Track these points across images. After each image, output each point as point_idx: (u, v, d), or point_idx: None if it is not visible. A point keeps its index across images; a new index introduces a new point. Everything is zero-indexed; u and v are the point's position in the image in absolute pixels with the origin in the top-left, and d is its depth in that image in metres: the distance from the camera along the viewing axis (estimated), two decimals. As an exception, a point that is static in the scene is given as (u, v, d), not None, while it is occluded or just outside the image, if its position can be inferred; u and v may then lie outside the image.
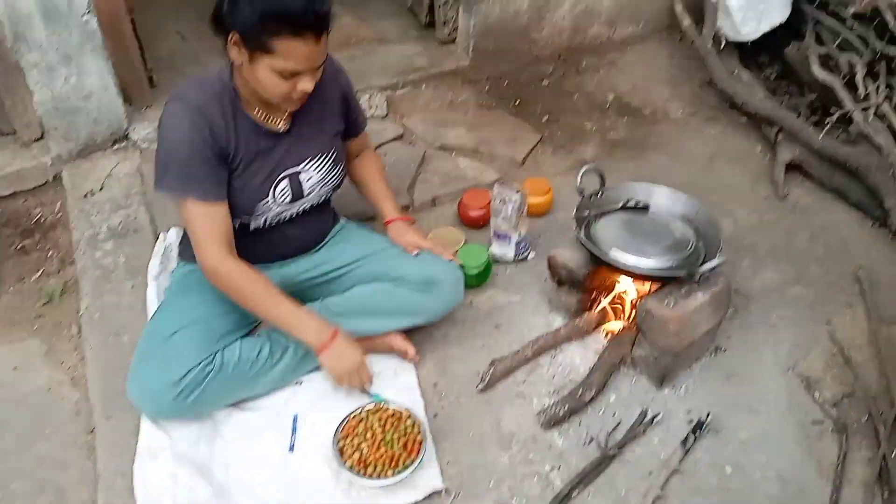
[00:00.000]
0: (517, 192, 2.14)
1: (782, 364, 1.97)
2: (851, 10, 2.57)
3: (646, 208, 2.03)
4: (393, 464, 1.61)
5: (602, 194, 2.06)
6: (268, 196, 1.69)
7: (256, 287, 1.63)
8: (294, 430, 1.72)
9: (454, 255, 2.00)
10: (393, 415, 1.71)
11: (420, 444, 1.65)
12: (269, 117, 1.66)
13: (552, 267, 2.02)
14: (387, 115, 2.83)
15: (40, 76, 2.30)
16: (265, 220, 1.74)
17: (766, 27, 2.89)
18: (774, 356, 1.99)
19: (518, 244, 2.22)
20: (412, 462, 1.60)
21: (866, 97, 2.56)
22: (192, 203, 1.58)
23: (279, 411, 1.76)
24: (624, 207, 2.02)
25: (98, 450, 1.69)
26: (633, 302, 1.97)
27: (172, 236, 2.17)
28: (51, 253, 2.27)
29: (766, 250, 2.34)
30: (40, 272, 2.21)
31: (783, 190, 2.57)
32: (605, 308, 2.01)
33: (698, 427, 1.77)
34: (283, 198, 1.72)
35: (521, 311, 2.10)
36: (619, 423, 1.78)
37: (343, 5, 3.41)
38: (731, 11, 2.91)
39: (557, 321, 2.05)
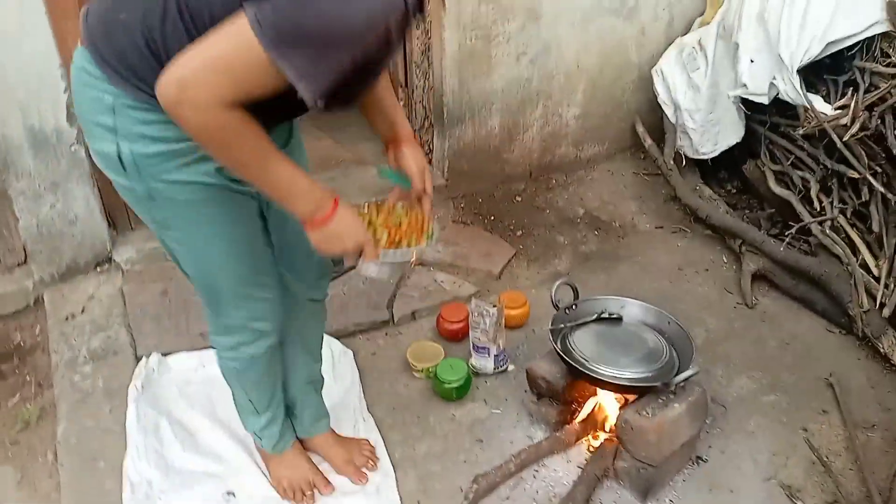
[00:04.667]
0: (494, 305, 2.19)
1: (763, 473, 1.98)
2: (800, 130, 2.76)
3: (619, 319, 2.09)
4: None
5: (576, 307, 2.12)
6: None
7: (259, 141, 1.21)
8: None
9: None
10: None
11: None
12: None
13: (531, 379, 2.05)
14: (366, 233, 2.91)
15: (26, 203, 2.36)
16: None
17: (723, 146, 3.07)
18: (754, 465, 2.00)
19: (497, 357, 2.25)
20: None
21: (822, 211, 2.70)
22: (263, 55, 1.11)
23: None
24: (598, 319, 2.08)
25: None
26: (612, 414, 1.99)
27: (154, 361, 2.17)
28: (29, 377, 2.25)
29: (738, 358, 2.39)
30: (17, 397, 2.18)
31: (751, 299, 2.66)
32: (584, 420, 2.03)
33: (684, 540, 1.76)
34: None
35: (503, 424, 2.10)
36: (604, 539, 1.77)
37: (322, 129, 3.60)
38: (689, 132, 3.10)
39: (539, 434, 2.05)
